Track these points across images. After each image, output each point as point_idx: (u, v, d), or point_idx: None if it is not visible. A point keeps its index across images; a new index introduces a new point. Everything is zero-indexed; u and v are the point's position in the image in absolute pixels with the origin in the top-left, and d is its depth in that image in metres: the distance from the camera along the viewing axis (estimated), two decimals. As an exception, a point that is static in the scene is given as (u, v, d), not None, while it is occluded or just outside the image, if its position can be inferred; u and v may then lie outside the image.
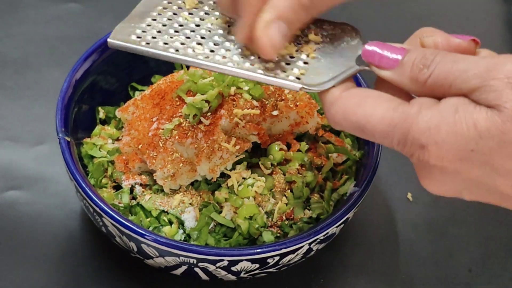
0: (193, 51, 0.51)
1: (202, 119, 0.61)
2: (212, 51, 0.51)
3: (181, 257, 0.57)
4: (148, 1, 0.55)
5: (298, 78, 0.50)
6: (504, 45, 0.92)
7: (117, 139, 0.68)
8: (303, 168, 0.66)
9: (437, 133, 0.43)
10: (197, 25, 0.53)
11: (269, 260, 0.59)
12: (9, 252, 0.68)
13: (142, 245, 0.58)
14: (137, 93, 0.72)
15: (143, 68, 0.73)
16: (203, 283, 0.64)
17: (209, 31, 0.53)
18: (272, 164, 0.65)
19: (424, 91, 0.45)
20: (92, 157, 0.67)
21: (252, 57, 0.51)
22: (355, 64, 0.50)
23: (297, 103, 0.65)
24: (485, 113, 0.42)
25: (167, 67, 0.73)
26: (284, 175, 0.65)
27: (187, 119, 0.62)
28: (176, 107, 0.63)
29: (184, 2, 0.55)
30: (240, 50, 0.51)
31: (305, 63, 0.51)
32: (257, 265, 0.59)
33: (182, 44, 0.52)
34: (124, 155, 0.65)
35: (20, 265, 0.67)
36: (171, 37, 0.52)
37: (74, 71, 0.66)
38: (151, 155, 0.62)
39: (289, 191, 0.64)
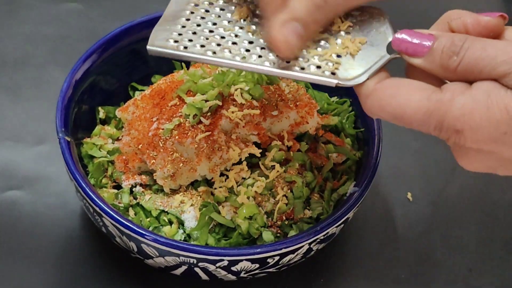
0: (230, 51, 0.52)
1: (202, 119, 0.61)
2: (247, 50, 0.52)
3: (181, 257, 0.57)
4: (176, 2, 0.55)
5: (333, 73, 0.50)
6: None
7: (117, 139, 0.68)
8: (303, 168, 0.66)
9: (471, 119, 0.45)
10: (230, 21, 0.54)
11: (269, 260, 0.59)
12: (9, 252, 0.68)
13: (142, 245, 0.58)
14: (137, 93, 0.72)
15: (143, 68, 0.73)
16: (203, 283, 0.64)
17: (241, 27, 0.53)
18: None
19: (455, 77, 0.47)
20: (92, 157, 0.67)
21: None
22: (386, 53, 0.51)
23: (297, 103, 0.65)
24: None
25: (167, 67, 0.73)
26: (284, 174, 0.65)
27: (187, 119, 0.62)
28: (176, 107, 0.63)
29: None
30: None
31: (338, 55, 0.51)
32: (257, 265, 0.59)
33: (218, 45, 0.52)
34: (124, 155, 0.65)
35: (20, 265, 0.67)
36: (207, 38, 0.52)
37: (74, 71, 0.66)
38: (151, 155, 0.62)
39: (289, 191, 0.64)
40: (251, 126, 0.63)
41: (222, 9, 0.55)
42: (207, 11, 0.54)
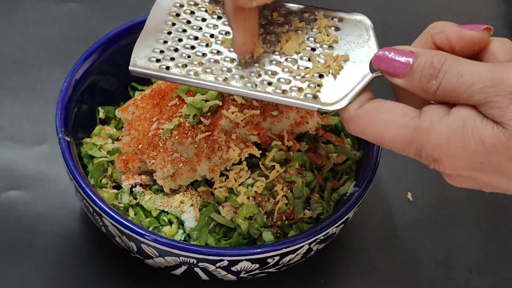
0: (212, 72, 0.51)
1: (202, 119, 0.61)
2: (229, 70, 0.52)
3: (181, 257, 0.57)
4: (158, 11, 0.55)
5: (314, 96, 0.50)
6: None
7: (117, 139, 0.68)
8: (303, 168, 0.66)
9: (448, 149, 0.45)
10: (212, 35, 0.53)
11: (269, 260, 0.59)
12: (9, 252, 0.68)
13: (142, 245, 0.58)
14: (137, 93, 0.72)
15: (143, 68, 0.73)
16: (203, 283, 0.64)
17: (224, 42, 0.53)
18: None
19: (435, 99, 0.47)
20: (92, 157, 0.67)
21: (269, 73, 0.51)
22: (369, 70, 0.50)
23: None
24: (491, 129, 0.44)
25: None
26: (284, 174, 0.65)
27: (187, 119, 0.62)
28: (176, 107, 0.63)
29: (195, 4, 0.55)
30: (256, 64, 0.52)
31: (320, 75, 0.51)
32: (257, 265, 0.59)
33: (201, 63, 0.52)
34: (124, 155, 0.65)
35: (20, 265, 0.67)
36: (189, 56, 0.52)
37: (74, 71, 0.66)
38: (151, 155, 0.62)
39: (289, 191, 0.64)
40: (251, 126, 0.63)
41: (203, 19, 0.54)
42: (188, 21, 0.54)
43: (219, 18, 0.55)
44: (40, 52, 0.84)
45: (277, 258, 0.59)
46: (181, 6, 0.55)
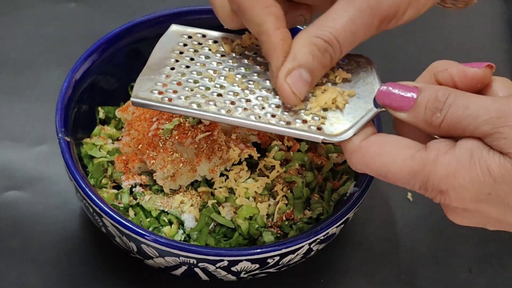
0: (215, 104, 0.51)
1: (202, 119, 0.61)
2: (233, 102, 0.51)
3: (181, 257, 0.57)
4: (161, 49, 0.55)
5: (318, 128, 0.50)
6: (504, 45, 0.92)
7: (117, 139, 0.68)
8: (303, 168, 0.66)
9: (455, 180, 0.45)
10: (215, 70, 0.53)
11: (269, 260, 0.59)
12: (9, 252, 0.68)
13: (142, 245, 0.58)
14: (137, 93, 0.72)
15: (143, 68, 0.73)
16: (203, 283, 0.64)
17: (227, 77, 0.53)
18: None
19: (440, 132, 0.47)
20: (92, 157, 0.67)
21: (272, 106, 0.51)
22: (373, 106, 0.50)
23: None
24: (498, 159, 0.44)
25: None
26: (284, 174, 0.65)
27: (187, 119, 0.62)
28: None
29: (199, 44, 0.55)
30: (260, 98, 0.52)
31: (325, 109, 0.51)
32: (257, 265, 0.59)
33: (204, 96, 0.52)
34: (124, 155, 0.65)
35: (20, 265, 0.67)
36: (192, 89, 0.52)
37: (74, 71, 0.66)
38: (151, 155, 0.62)
39: (289, 191, 0.64)
40: (251, 126, 0.63)
41: (207, 57, 0.54)
42: (192, 59, 0.54)
43: (223, 56, 0.55)
44: (40, 52, 0.84)
45: (277, 258, 0.59)
46: (185, 45, 0.55)
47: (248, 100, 0.52)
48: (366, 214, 0.73)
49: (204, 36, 0.56)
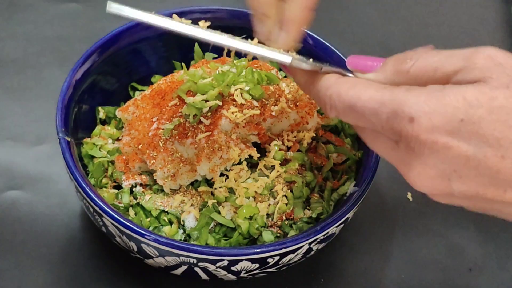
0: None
1: (202, 119, 0.61)
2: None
3: (181, 257, 0.58)
4: None
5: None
6: (504, 45, 0.92)
7: (117, 139, 0.68)
8: (303, 168, 0.66)
9: (426, 104, 0.44)
10: None
11: (269, 260, 0.59)
12: (9, 252, 0.68)
13: (142, 245, 0.58)
14: (137, 93, 0.72)
15: (143, 68, 0.73)
16: (203, 283, 0.64)
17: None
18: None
19: (407, 81, 0.47)
20: (92, 157, 0.67)
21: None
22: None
23: (297, 103, 0.65)
24: (472, 87, 0.44)
25: (167, 67, 0.73)
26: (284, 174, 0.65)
27: (187, 119, 0.62)
28: (176, 107, 0.63)
29: None
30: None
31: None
32: (257, 265, 0.59)
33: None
34: (124, 155, 0.65)
35: (20, 265, 0.67)
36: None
37: (74, 71, 0.66)
38: (151, 155, 0.62)
39: (289, 191, 0.64)
40: (251, 126, 0.63)
41: None
42: None
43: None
44: (40, 52, 0.84)
45: (277, 258, 0.59)
46: None
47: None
48: (366, 214, 0.73)
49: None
